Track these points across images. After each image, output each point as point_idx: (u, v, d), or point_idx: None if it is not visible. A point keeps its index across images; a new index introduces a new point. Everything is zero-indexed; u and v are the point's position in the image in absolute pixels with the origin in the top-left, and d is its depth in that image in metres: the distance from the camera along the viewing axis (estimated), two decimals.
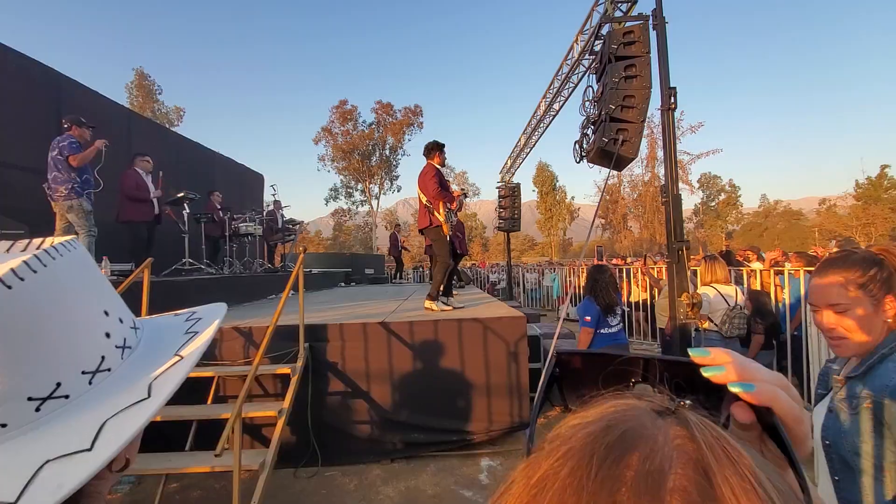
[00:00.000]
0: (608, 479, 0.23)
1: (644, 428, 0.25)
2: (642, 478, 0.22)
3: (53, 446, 0.37)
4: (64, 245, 0.44)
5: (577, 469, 0.24)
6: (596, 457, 0.24)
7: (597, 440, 0.25)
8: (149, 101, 34.02)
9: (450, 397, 3.81)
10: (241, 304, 6.07)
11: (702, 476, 0.22)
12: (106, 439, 0.38)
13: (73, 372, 0.40)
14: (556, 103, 8.55)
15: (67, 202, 4.47)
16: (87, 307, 0.44)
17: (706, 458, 0.23)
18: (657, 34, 4.11)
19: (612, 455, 0.23)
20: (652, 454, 0.23)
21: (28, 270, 0.38)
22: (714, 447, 0.23)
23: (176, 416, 3.20)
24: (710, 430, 0.25)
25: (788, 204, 55.80)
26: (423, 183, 4.67)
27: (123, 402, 0.41)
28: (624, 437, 0.24)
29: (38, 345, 0.38)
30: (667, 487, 0.22)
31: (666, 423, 0.25)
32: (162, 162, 6.40)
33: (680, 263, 4.02)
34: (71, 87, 6.65)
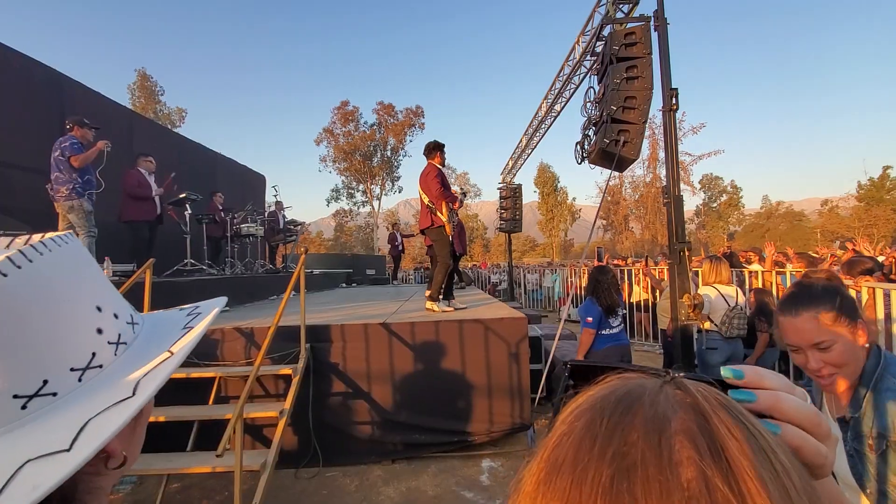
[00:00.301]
0: (619, 424, 0.26)
1: (645, 388, 0.28)
2: (649, 420, 0.26)
3: (36, 445, 0.36)
4: (54, 240, 0.43)
5: (589, 422, 0.27)
6: (606, 409, 0.27)
7: (605, 398, 0.29)
8: (151, 102, 34.09)
9: (451, 398, 3.81)
10: (242, 304, 6.08)
11: (700, 418, 0.26)
12: (85, 439, 0.36)
13: (62, 369, 0.40)
14: (558, 104, 8.56)
15: (68, 202, 4.48)
16: (77, 303, 0.43)
17: (702, 404, 0.26)
18: (659, 35, 4.11)
19: (621, 407, 0.27)
20: (655, 404, 0.27)
21: (11, 266, 0.38)
22: (708, 398, 0.27)
23: (178, 416, 3.20)
24: (704, 388, 0.28)
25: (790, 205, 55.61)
26: (426, 183, 4.67)
27: (108, 400, 0.40)
28: (630, 394, 0.28)
29: (23, 341, 0.37)
30: (672, 428, 0.25)
31: (666, 386, 0.29)
32: (164, 163, 6.42)
33: (681, 264, 4.02)
34: (73, 89, 6.68)
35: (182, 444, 3.39)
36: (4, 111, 5.49)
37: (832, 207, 46.56)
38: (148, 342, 0.48)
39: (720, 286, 3.91)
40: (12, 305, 0.37)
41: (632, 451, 0.25)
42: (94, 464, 0.42)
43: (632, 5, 4.94)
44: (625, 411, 0.27)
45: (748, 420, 0.26)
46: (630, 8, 4.94)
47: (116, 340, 0.45)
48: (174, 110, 36.06)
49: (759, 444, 0.25)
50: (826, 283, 1.11)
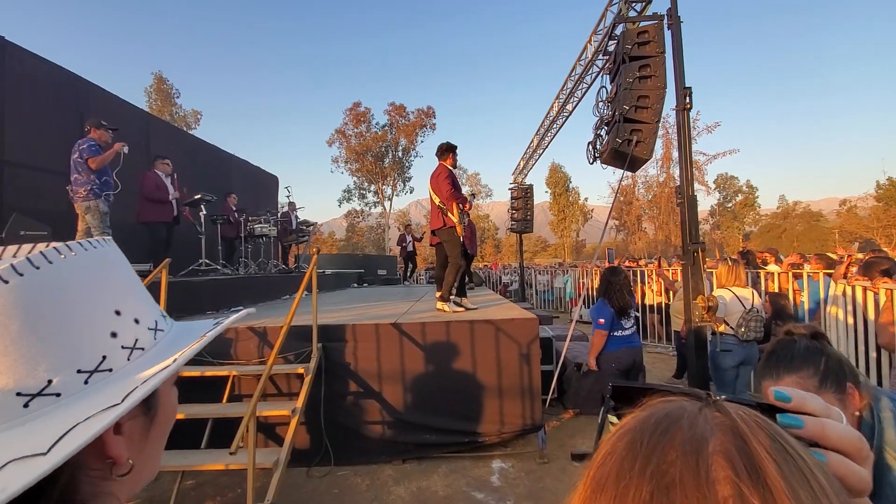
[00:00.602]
0: (659, 444, 0.27)
1: (685, 411, 0.30)
2: (688, 441, 0.27)
3: (23, 445, 0.35)
4: (81, 244, 0.44)
5: (631, 442, 0.29)
6: (647, 430, 0.29)
7: (647, 420, 0.30)
8: (167, 105, 34.65)
9: (461, 399, 3.81)
10: (255, 304, 6.15)
11: (739, 439, 0.26)
12: (63, 444, 0.36)
13: (68, 370, 0.39)
14: (570, 104, 8.51)
15: (85, 203, 4.58)
16: (93, 305, 0.43)
17: (740, 427, 0.27)
18: (672, 34, 4.07)
19: (661, 428, 0.28)
20: (694, 425, 0.28)
21: (29, 267, 0.38)
22: (747, 420, 0.28)
23: (192, 414, 3.25)
24: (744, 410, 0.29)
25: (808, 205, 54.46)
26: (437, 184, 4.68)
27: (99, 405, 0.39)
28: (669, 416, 0.29)
29: (32, 340, 0.38)
30: (709, 449, 0.26)
31: (705, 409, 0.30)
32: (179, 164, 6.52)
33: (695, 265, 3.96)
34: (92, 92, 6.81)
35: (196, 441, 3.44)
36: (26, 114, 5.63)
37: (850, 207, 45.58)
38: (166, 349, 0.48)
39: (735, 288, 3.85)
40: (24, 305, 0.37)
41: (670, 470, 0.26)
42: (100, 468, 0.42)
43: (644, 4, 4.89)
44: (664, 432, 0.28)
45: (787, 442, 0.27)
46: (643, 6, 4.90)
47: (132, 345, 0.45)
48: (189, 112, 36.62)
49: (798, 465, 0.25)
50: (809, 341, 1.05)
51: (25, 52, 5.73)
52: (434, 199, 4.73)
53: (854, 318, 4.27)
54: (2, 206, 5.18)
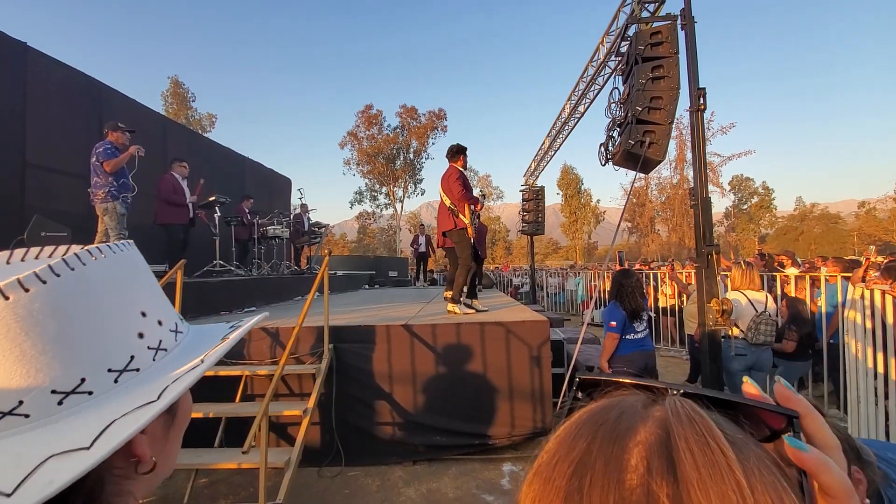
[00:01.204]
0: (587, 432, 0.29)
1: (629, 404, 0.30)
2: (612, 430, 0.28)
3: (62, 441, 0.37)
4: (110, 246, 0.45)
5: (569, 427, 0.31)
6: (584, 421, 0.30)
7: (590, 411, 0.31)
8: (183, 108, 35.22)
9: (472, 401, 3.81)
10: (268, 304, 6.22)
11: (663, 432, 0.27)
12: (105, 439, 0.37)
13: (100, 369, 0.41)
14: (581, 105, 8.46)
15: (103, 205, 4.69)
16: (121, 306, 0.44)
17: (669, 420, 0.27)
18: (686, 34, 4.03)
19: (595, 416, 0.30)
20: (627, 417, 0.29)
21: (65, 268, 0.40)
22: (679, 413, 0.28)
23: (206, 413, 3.30)
24: (685, 405, 0.29)
25: (826, 207, 53.36)
26: (448, 186, 4.69)
27: (135, 402, 0.41)
28: (608, 408, 0.31)
29: (66, 340, 0.39)
30: (632, 439, 0.27)
31: (654, 405, 0.30)
32: (195, 167, 6.63)
33: (709, 268, 3.91)
34: (111, 96, 6.97)
35: (210, 440, 3.49)
36: (48, 118, 5.77)
37: (870, 209, 44.57)
38: (187, 351, 0.49)
39: (749, 292, 3.79)
40: (59, 305, 0.39)
41: (589, 457, 0.27)
42: (124, 466, 0.43)
43: (658, 4, 4.85)
44: (596, 422, 0.30)
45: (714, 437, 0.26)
46: (656, 7, 4.86)
47: (157, 346, 0.46)
48: (205, 116, 37.17)
49: (717, 460, 0.25)
50: None
51: (47, 58, 5.89)
52: (445, 201, 4.73)
53: (873, 323, 4.18)
54: (24, 207, 5.32)
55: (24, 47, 5.53)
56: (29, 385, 0.37)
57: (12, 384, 0.37)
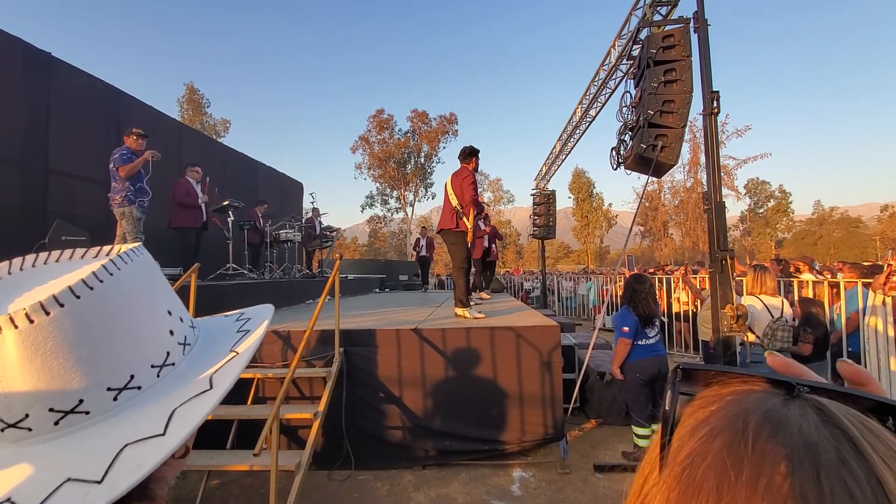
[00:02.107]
0: (767, 452, 0.24)
1: (778, 410, 0.27)
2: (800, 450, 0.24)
3: (131, 431, 0.41)
4: (131, 251, 0.49)
5: (730, 444, 0.25)
6: (749, 432, 0.25)
7: (738, 418, 0.27)
8: (198, 114, 35.82)
9: (482, 406, 3.80)
10: (280, 308, 6.27)
11: (850, 445, 0.24)
12: (177, 425, 0.42)
13: (144, 365, 0.45)
14: (593, 109, 8.43)
15: (120, 209, 4.80)
16: (153, 307, 0.48)
17: (850, 430, 0.24)
18: (699, 37, 4.00)
19: (765, 431, 0.25)
20: (800, 429, 0.25)
21: (106, 273, 0.43)
22: (853, 421, 0.25)
23: (219, 415, 3.33)
24: (845, 409, 0.26)
25: (846, 210, 52.27)
26: (460, 186, 4.65)
27: (188, 393, 0.45)
28: (770, 415, 0.26)
29: (115, 340, 0.43)
30: (823, 459, 0.23)
31: (798, 404, 0.27)
32: (209, 171, 6.73)
33: (723, 273, 3.86)
34: (130, 103, 7.12)
35: (222, 442, 3.53)
36: (70, 126, 5.92)
37: (893, 213, 43.53)
38: (207, 344, 0.54)
39: (765, 297, 3.73)
40: (105, 311, 0.43)
41: (784, 484, 0.23)
42: None
43: (670, 7, 4.82)
44: (769, 437, 0.25)
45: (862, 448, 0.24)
46: (668, 10, 4.83)
47: (184, 342, 0.50)
48: (219, 121, 37.75)
49: None
50: None
51: (70, 67, 6.04)
52: (452, 201, 4.71)
53: (895, 330, 4.08)
54: (46, 212, 5.45)
55: (49, 57, 5.68)
56: (87, 385, 0.41)
57: (72, 385, 0.40)
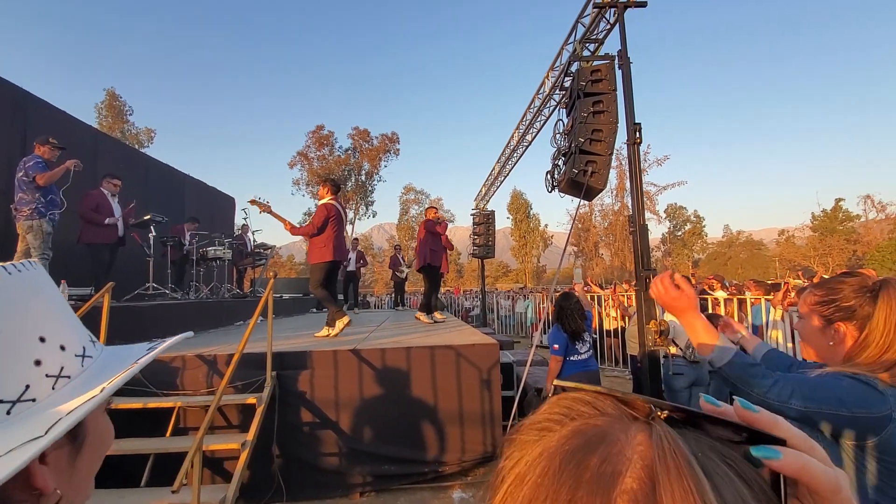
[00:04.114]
0: (569, 479, 0.25)
1: (608, 435, 0.27)
2: (598, 478, 0.25)
3: None
4: (5, 267, 0.42)
5: (546, 469, 0.27)
6: (563, 459, 0.27)
7: (567, 443, 0.28)
8: (118, 122, 33.32)
9: (421, 427, 3.74)
10: (207, 330, 5.87)
11: (649, 481, 0.24)
12: None
13: None
14: (529, 134, 8.82)
15: (28, 222, 4.33)
16: (14, 333, 0.41)
17: (656, 466, 0.24)
18: (623, 73, 4.33)
19: (576, 458, 0.26)
20: (609, 458, 0.26)
21: None
22: (665, 455, 0.25)
23: (131, 449, 3.02)
24: (670, 441, 0.26)
25: (750, 234, 58.21)
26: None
27: (21, 438, 0.38)
28: (589, 442, 0.27)
29: None
30: (618, 489, 0.24)
31: (632, 430, 0.27)
32: (130, 183, 6.25)
33: (647, 291, 4.12)
34: (37, 107, 6.48)
35: (136, 479, 3.20)
36: None
37: (789, 237, 49.01)
38: (94, 377, 0.46)
39: None
40: None
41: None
42: (28, 499, 0.40)
43: (597, 45, 5.20)
44: (578, 463, 0.26)
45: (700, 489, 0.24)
46: (596, 47, 5.21)
47: (57, 373, 0.43)
48: (142, 130, 35.31)
49: None
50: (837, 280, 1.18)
51: None
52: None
53: (794, 342, 4.55)
54: None
55: None
56: None
57: None
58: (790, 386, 1.07)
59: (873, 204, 39.88)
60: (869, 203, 40.14)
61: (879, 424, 0.98)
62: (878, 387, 1.00)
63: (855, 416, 0.99)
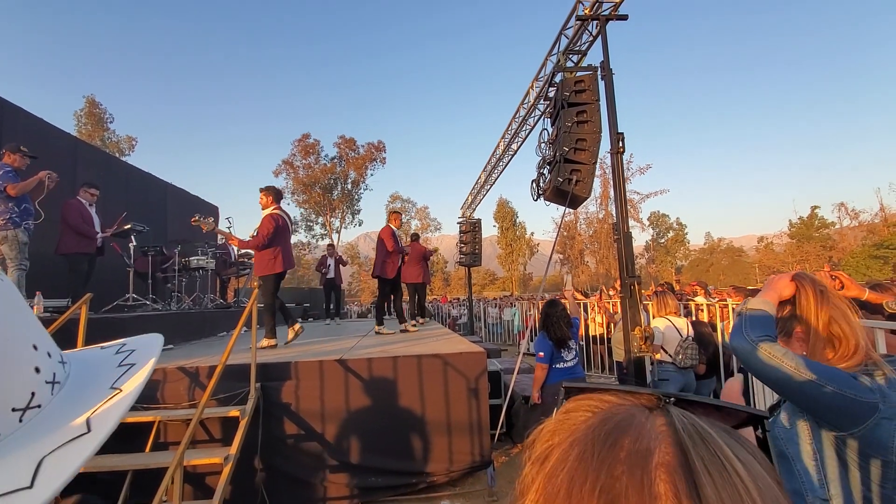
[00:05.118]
0: (607, 458, 0.28)
1: (634, 418, 0.31)
2: (633, 455, 0.28)
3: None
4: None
5: (582, 454, 0.30)
6: (596, 442, 0.30)
7: (596, 430, 0.31)
8: (98, 130, 32.73)
9: (409, 437, 3.71)
10: (189, 341, 5.75)
11: (680, 452, 0.28)
12: (46, 476, 0.36)
13: (4, 410, 0.39)
14: (515, 143, 8.91)
15: (2, 233, 4.20)
16: (15, 342, 0.42)
17: (683, 439, 0.28)
18: (605, 84, 4.42)
19: (609, 440, 0.29)
20: (640, 437, 0.29)
21: None
22: (689, 430, 0.29)
23: (108, 466, 2.93)
24: (688, 419, 0.30)
25: (731, 241, 59.50)
26: None
27: (60, 438, 0.40)
28: (618, 426, 0.30)
29: None
30: (653, 462, 0.27)
31: (653, 415, 0.31)
32: (110, 192, 6.13)
33: (632, 298, 4.17)
34: (13, 113, 6.33)
35: (114, 496, 3.09)
36: None
37: (767, 244, 50.17)
38: (82, 381, 0.48)
39: (672, 317, 4.07)
40: None
41: (616, 485, 0.27)
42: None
43: (581, 56, 5.30)
44: (613, 444, 0.29)
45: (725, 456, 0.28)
46: (579, 58, 5.30)
47: (52, 379, 0.44)
48: (123, 138, 34.73)
49: (733, 481, 0.26)
50: None
51: None
52: None
53: None
54: None
55: None
56: None
57: None
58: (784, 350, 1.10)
59: (847, 211, 41.12)
60: (843, 210, 41.37)
61: (865, 412, 0.99)
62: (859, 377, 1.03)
63: (842, 395, 0.99)
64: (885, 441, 0.98)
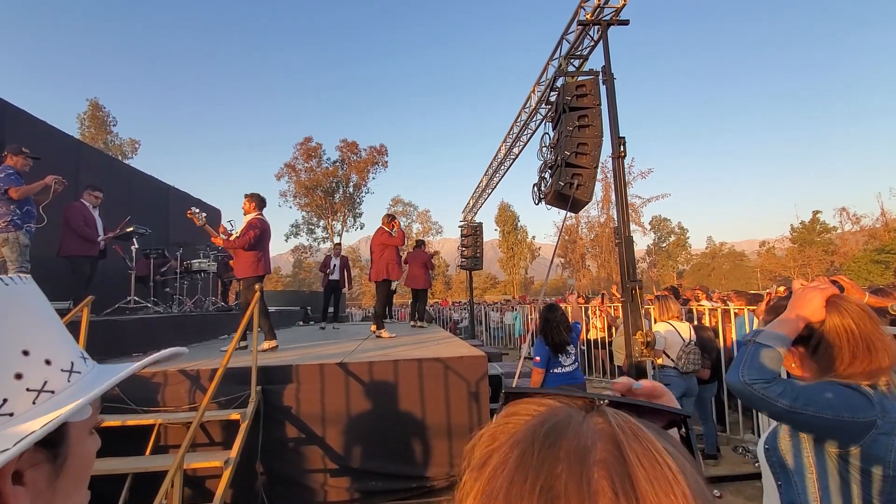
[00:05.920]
0: (547, 457, 0.29)
1: (572, 418, 0.32)
2: (572, 453, 0.29)
3: None
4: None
5: (522, 454, 0.30)
6: (535, 442, 0.30)
7: (536, 430, 0.31)
8: (101, 133, 32.86)
9: (409, 441, 3.70)
10: (189, 344, 5.75)
11: (615, 448, 0.29)
12: None
13: None
14: (516, 147, 8.93)
15: (3, 235, 4.20)
16: None
17: (618, 435, 0.30)
18: (607, 88, 4.43)
19: (549, 440, 0.30)
20: (579, 436, 0.30)
21: None
22: (623, 427, 0.30)
23: (108, 469, 2.92)
24: (622, 417, 0.32)
25: (732, 245, 59.33)
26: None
27: None
28: (557, 426, 0.31)
29: None
30: (591, 459, 0.28)
31: (589, 416, 0.32)
32: (113, 195, 6.15)
33: (634, 302, 4.16)
34: (16, 116, 6.36)
35: (113, 500, 3.09)
36: None
37: (769, 249, 50.04)
38: (78, 393, 0.46)
39: (674, 322, 4.06)
40: None
41: (556, 484, 0.27)
42: None
43: (582, 60, 5.31)
44: (552, 444, 0.30)
45: (656, 449, 0.29)
46: (580, 63, 5.32)
47: (39, 388, 0.42)
48: (126, 141, 34.87)
49: (664, 472, 0.28)
50: None
51: None
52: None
53: None
54: None
55: None
56: None
57: None
58: (782, 385, 1.10)
59: (848, 216, 41.04)
60: (844, 215, 41.29)
61: (862, 430, 1.00)
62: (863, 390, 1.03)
63: (841, 419, 1.01)
64: (883, 456, 0.99)
